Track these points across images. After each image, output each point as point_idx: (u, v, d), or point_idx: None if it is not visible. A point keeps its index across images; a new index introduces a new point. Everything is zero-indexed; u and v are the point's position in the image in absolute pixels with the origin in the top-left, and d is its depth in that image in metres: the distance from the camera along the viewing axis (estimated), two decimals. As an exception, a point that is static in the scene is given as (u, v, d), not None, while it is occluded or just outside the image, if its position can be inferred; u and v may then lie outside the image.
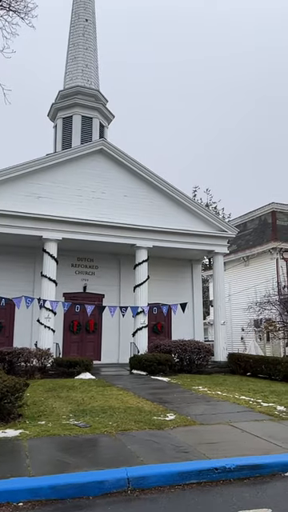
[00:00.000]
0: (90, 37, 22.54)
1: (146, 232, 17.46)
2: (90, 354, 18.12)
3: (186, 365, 16.11)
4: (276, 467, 5.25)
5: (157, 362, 15.00)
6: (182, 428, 6.99)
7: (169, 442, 6.13)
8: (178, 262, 20.83)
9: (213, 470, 4.98)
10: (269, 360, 15.43)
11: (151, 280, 17.78)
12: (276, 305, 23.20)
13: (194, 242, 18.45)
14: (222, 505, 4.28)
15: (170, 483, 4.76)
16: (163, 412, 8.16)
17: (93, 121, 20.92)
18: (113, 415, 7.74)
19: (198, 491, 4.66)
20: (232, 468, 5.04)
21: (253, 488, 4.78)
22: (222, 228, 19.05)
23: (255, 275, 26.91)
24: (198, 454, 5.52)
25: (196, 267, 21.45)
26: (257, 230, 29.19)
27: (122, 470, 4.79)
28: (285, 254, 26.32)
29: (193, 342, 16.81)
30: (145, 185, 18.31)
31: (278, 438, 6.39)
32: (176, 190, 18.46)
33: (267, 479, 5.06)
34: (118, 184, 17.89)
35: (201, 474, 4.93)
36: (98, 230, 16.74)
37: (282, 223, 27.86)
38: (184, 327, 19.80)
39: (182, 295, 19.99)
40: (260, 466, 5.19)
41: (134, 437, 6.36)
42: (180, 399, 9.87)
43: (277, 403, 9.42)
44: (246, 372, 16.17)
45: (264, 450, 5.77)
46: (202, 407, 8.93)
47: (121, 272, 19.66)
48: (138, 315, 16.92)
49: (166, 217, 18.16)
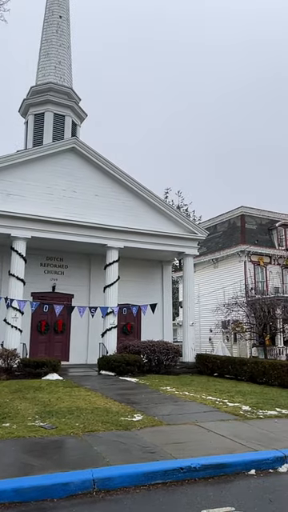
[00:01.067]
0: (64, 34, 22.30)
1: (117, 232, 17.42)
2: (58, 354, 17.89)
3: (154, 365, 16.18)
4: (240, 466, 5.35)
5: (125, 363, 15.00)
6: (149, 428, 7.01)
7: (136, 442, 6.13)
8: (149, 262, 20.91)
9: (178, 470, 5.02)
10: (235, 361, 15.73)
11: (122, 280, 17.75)
12: (243, 306, 23.71)
13: (165, 243, 18.57)
14: (186, 504, 4.31)
15: (136, 484, 4.76)
16: (131, 413, 8.16)
17: (65, 119, 20.69)
18: (80, 416, 7.67)
19: (164, 491, 4.69)
20: (197, 467, 5.10)
21: (217, 487, 4.85)
22: (192, 230, 19.26)
23: (224, 277, 27.39)
24: (165, 454, 5.55)
25: (166, 268, 21.59)
26: (226, 232, 29.71)
27: (87, 472, 4.75)
28: (253, 257, 26.94)
29: (162, 343, 16.91)
30: (117, 185, 18.26)
31: (243, 438, 6.52)
32: (148, 192, 18.52)
33: (231, 478, 5.15)
34: (90, 183, 17.76)
35: (166, 474, 4.96)
36: (68, 229, 16.56)
37: (250, 227, 28.49)
38: (153, 328, 19.88)
39: (152, 296, 20.07)
40: (224, 465, 5.27)
41: (101, 438, 6.32)
42: (148, 400, 9.90)
43: (242, 403, 9.60)
44: (213, 372, 16.42)
45: (229, 449, 5.87)
46: (169, 407, 8.99)
47: (91, 272, 19.53)
48: (108, 316, 16.85)
49: (137, 217, 18.18)
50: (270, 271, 27.44)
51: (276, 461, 5.55)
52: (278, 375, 13.24)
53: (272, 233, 28.91)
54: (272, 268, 27.57)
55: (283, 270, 28.10)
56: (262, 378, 13.84)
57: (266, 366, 13.86)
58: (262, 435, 6.74)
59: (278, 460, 5.57)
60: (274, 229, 28.82)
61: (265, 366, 13.91)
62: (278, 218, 29.37)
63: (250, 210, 28.90)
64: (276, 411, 8.77)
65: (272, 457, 5.58)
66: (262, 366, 14.01)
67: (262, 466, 5.45)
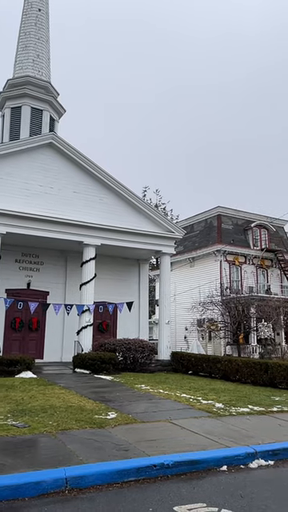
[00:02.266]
0: (43, 27, 21.95)
1: (94, 229, 17.31)
2: (33, 352, 17.66)
3: (129, 363, 16.20)
4: (212, 462, 5.42)
5: (100, 361, 14.96)
6: (123, 426, 7.01)
7: (109, 440, 6.13)
8: (126, 261, 20.89)
9: (151, 467, 5.04)
10: (210, 359, 15.92)
11: (98, 278, 17.67)
12: (218, 305, 24.02)
13: (143, 241, 18.58)
14: (158, 501, 4.34)
15: (109, 482, 4.76)
16: (105, 410, 8.14)
17: (43, 113, 20.38)
18: (53, 414, 7.60)
19: (136, 488, 4.70)
20: (170, 464, 5.13)
21: (189, 483, 4.90)
22: (169, 229, 19.34)
23: (200, 276, 27.67)
24: (138, 452, 5.56)
25: (143, 267, 21.62)
26: (203, 232, 30.00)
27: (60, 470, 4.71)
28: (228, 257, 27.31)
29: (137, 341, 16.94)
30: (95, 182, 18.14)
31: (215, 434, 6.60)
32: (126, 189, 18.48)
33: (203, 474, 5.21)
34: (68, 180, 17.58)
35: (139, 471, 4.97)
36: (44, 226, 16.34)
37: (226, 227, 28.86)
38: (129, 326, 19.89)
39: (128, 294, 20.07)
40: (197, 461, 5.33)
41: (75, 436, 6.28)
42: (122, 397, 9.90)
43: (215, 400, 9.73)
44: (188, 370, 16.57)
45: (201, 446, 5.93)
46: (143, 405, 9.02)
47: (67, 269, 19.36)
48: (84, 313, 16.75)
49: (115, 215, 18.12)
50: (245, 271, 27.88)
51: (247, 457, 5.65)
52: (250, 373, 13.47)
53: (247, 233, 29.37)
54: (247, 268, 28.02)
55: (257, 270, 28.60)
56: (235, 375, 14.05)
57: (240, 364, 14.08)
58: (234, 432, 6.85)
59: (249, 456, 5.67)
60: (249, 229, 29.29)
61: (238, 364, 14.13)
62: (254, 218, 29.86)
63: (226, 210, 29.27)
64: (248, 408, 8.92)
65: (243, 453, 5.68)
66: (236, 364, 14.22)
67: (234, 462, 5.54)
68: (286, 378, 12.33)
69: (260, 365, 13.38)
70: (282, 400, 10.16)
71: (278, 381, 12.56)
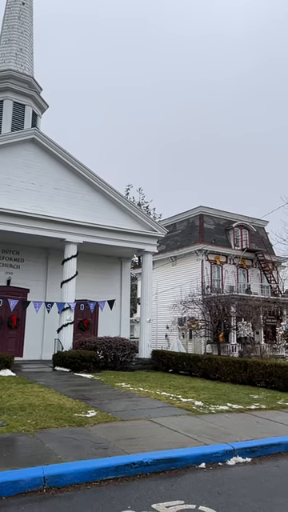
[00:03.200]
0: (26, 21, 21.64)
1: (76, 227, 17.19)
2: (12, 350, 17.46)
3: (110, 362, 16.17)
4: (190, 460, 5.46)
5: (81, 359, 14.89)
6: (102, 424, 7.00)
7: (88, 438, 6.11)
8: (108, 259, 20.83)
9: (130, 465, 5.05)
10: (190, 357, 16.03)
11: (80, 276, 17.56)
12: (199, 304, 24.21)
13: (125, 239, 18.55)
14: (137, 499, 4.35)
15: (87, 480, 4.74)
16: (85, 409, 8.11)
17: (25, 108, 20.12)
18: (32, 413, 7.53)
19: (115, 486, 4.70)
20: (149, 462, 5.15)
21: (168, 481, 4.93)
22: (152, 228, 19.37)
23: (181, 275, 27.81)
24: (117, 450, 5.56)
25: (125, 265, 21.60)
26: (185, 231, 30.16)
27: (38, 469, 4.68)
28: (210, 256, 27.53)
29: (118, 339, 16.93)
30: (78, 179, 18.02)
31: (195, 432, 6.66)
32: (109, 187, 18.42)
33: (182, 472, 5.24)
34: (50, 176, 17.41)
35: (118, 469, 4.97)
36: (25, 222, 16.14)
37: (208, 226, 29.10)
38: (111, 324, 19.85)
39: (110, 292, 20.02)
40: (175, 459, 5.36)
41: (54, 434, 6.24)
42: (102, 396, 9.88)
43: (195, 398, 9.81)
44: (169, 368, 16.65)
45: (180, 444, 5.97)
46: (123, 403, 9.02)
47: (48, 266, 19.18)
48: (64, 311, 16.63)
49: (97, 213, 18.04)
50: (226, 270, 28.16)
51: (225, 454, 5.72)
52: (230, 371, 13.63)
53: (229, 233, 29.66)
54: (228, 267, 28.31)
55: (238, 270, 28.93)
56: (215, 374, 14.19)
57: (220, 362, 14.22)
58: (213, 429, 6.92)
59: (227, 453, 5.73)
60: (230, 229, 29.59)
61: (218, 362, 14.27)
62: (235, 218, 30.17)
63: (208, 210, 29.49)
64: (227, 406, 9.03)
65: (221, 450, 5.74)
66: (216, 362, 14.36)
67: (212, 459, 5.60)
68: (264, 376, 12.52)
69: (239, 363, 13.55)
70: (260, 398, 10.32)
71: (257, 379, 12.75)
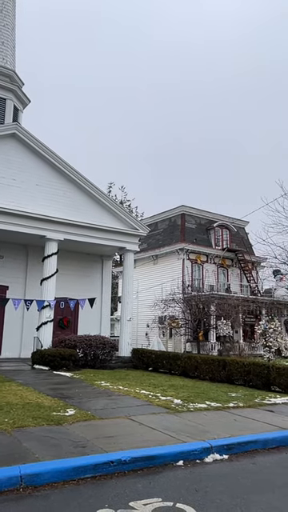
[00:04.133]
0: (9, 14, 21.27)
1: (57, 224, 17.03)
2: (-10, 348, 17.19)
3: (90, 360, 16.10)
4: (168, 457, 5.49)
5: (60, 357, 14.78)
6: (81, 423, 6.96)
7: (67, 437, 6.07)
8: (89, 256, 20.72)
9: (108, 464, 5.04)
10: (170, 355, 16.11)
11: (60, 274, 17.41)
12: (180, 303, 24.35)
13: (107, 237, 18.49)
14: (114, 497, 4.35)
15: (65, 479, 4.71)
16: (63, 407, 8.05)
17: (6, 102, 19.78)
18: (9, 412, 7.43)
19: (93, 485, 4.69)
20: (127, 460, 5.16)
21: (146, 479, 4.94)
22: (134, 226, 19.36)
23: (162, 274, 27.91)
24: (96, 449, 5.54)
25: (107, 263, 21.53)
26: (167, 230, 30.27)
27: (14, 468, 4.62)
28: (191, 255, 27.72)
29: (98, 338, 16.87)
30: (59, 176, 17.85)
31: (173, 430, 6.69)
32: (91, 185, 18.31)
33: (160, 469, 5.27)
34: (31, 172, 17.19)
35: (96, 467, 4.96)
36: (5, 218, 15.90)
37: (189, 226, 29.28)
38: (91, 322, 19.76)
39: (90, 290, 19.92)
40: (153, 457, 5.38)
41: (31, 433, 6.17)
42: (82, 394, 9.83)
43: (174, 397, 9.86)
44: (148, 367, 16.69)
45: (159, 442, 5.99)
46: (103, 402, 9.00)
47: (28, 264, 18.95)
48: (44, 309, 16.46)
49: (79, 210, 17.91)
50: (207, 269, 28.41)
51: (203, 451, 5.77)
52: (209, 370, 13.75)
53: (210, 233, 29.92)
54: (208, 266, 28.56)
55: (218, 269, 29.22)
56: (194, 372, 14.30)
57: (199, 360, 14.34)
58: (191, 427, 6.97)
59: (204, 451, 5.79)
60: (211, 229, 29.85)
61: (197, 360, 14.38)
62: (217, 218, 30.46)
63: (190, 209, 29.68)
64: (206, 404, 9.11)
65: (199, 448, 5.79)
66: (195, 360, 14.47)
67: (190, 456, 5.64)
68: (242, 374, 12.69)
69: (218, 362, 13.69)
70: (238, 396, 10.45)
71: (235, 377, 12.90)
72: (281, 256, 21.37)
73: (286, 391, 11.38)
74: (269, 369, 12.06)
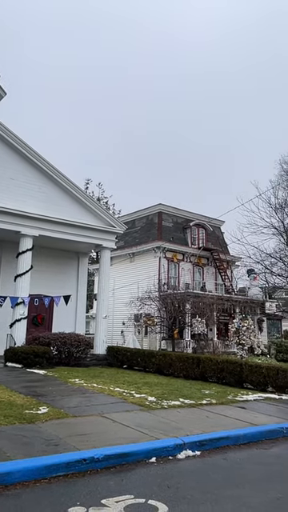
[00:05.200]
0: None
1: (32, 220, 16.77)
2: None
3: (64, 357, 15.97)
4: (141, 454, 5.51)
5: (34, 355, 14.59)
6: (54, 421, 6.90)
7: (39, 435, 6.00)
8: (65, 253, 20.51)
9: (81, 461, 5.02)
10: (145, 353, 16.15)
11: (35, 270, 17.16)
12: (155, 301, 24.45)
13: (83, 234, 18.34)
14: (87, 494, 4.33)
15: (36, 477, 4.66)
16: (36, 405, 7.96)
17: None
18: (-20, 410, 7.29)
19: (65, 483, 4.66)
20: (100, 458, 5.14)
21: (118, 476, 4.94)
22: (111, 223, 19.28)
23: (139, 271, 27.94)
24: (68, 447, 5.51)
25: (83, 260, 21.37)
26: (144, 228, 30.31)
27: (-16, 468, 4.54)
28: (167, 254, 27.86)
29: (73, 335, 16.74)
30: (35, 171, 17.57)
31: (146, 427, 6.72)
32: (68, 180, 18.11)
33: (132, 466, 5.28)
34: (5, 166, 16.84)
35: (69, 465, 4.93)
36: (-21, 213, 15.55)
37: (167, 224, 29.41)
38: (66, 320, 19.57)
39: (66, 287, 19.73)
40: (126, 454, 5.39)
41: (3, 432, 6.07)
42: (55, 392, 9.75)
43: (148, 394, 9.90)
44: (123, 364, 16.69)
45: (132, 439, 6.01)
46: (76, 399, 8.94)
47: (2, 260, 18.61)
48: (18, 306, 16.20)
49: (55, 206, 17.68)
50: (183, 268, 28.63)
51: (176, 448, 5.82)
52: (183, 367, 13.86)
53: (186, 231, 30.15)
54: (184, 265, 28.78)
55: (194, 268, 29.49)
56: (168, 369, 14.38)
57: (173, 358, 14.43)
58: (164, 424, 7.02)
59: (177, 447, 5.84)
60: (188, 228, 30.08)
61: (172, 358, 14.48)
62: (193, 217, 30.71)
63: (167, 207, 29.80)
64: (179, 401, 9.18)
65: (172, 444, 5.84)
66: (170, 358, 14.56)
67: (163, 453, 5.68)
68: (216, 372, 12.85)
69: (192, 359, 13.81)
70: (211, 393, 10.58)
71: (209, 375, 13.06)
72: (255, 256, 21.78)
73: (258, 388, 11.60)
74: (241, 366, 12.27)
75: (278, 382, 11.36)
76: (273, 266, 22.06)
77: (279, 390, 11.26)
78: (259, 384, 11.68)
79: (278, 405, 9.63)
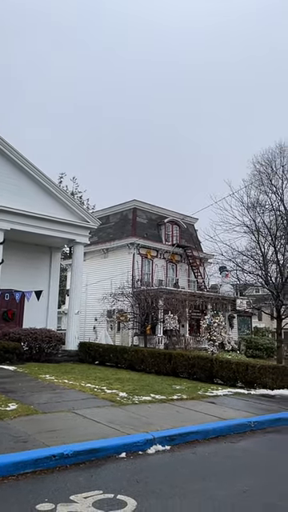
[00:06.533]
0: None
1: (3, 213, 16.40)
2: None
3: (35, 353, 15.77)
4: (111, 450, 5.52)
5: (4, 350, 14.36)
6: (23, 417, 6.81)
7: (7, 432, 5.91)
8: (37, 247, 20.19)
9: (50, 458, 4.98)
10: (117, 349, 16.16)
11: (6, 264, 16.79)
12: (129, 297, 24.45)
13: (56, 229, 18.10)
14: (55, 491, 4.30)
15: (4, 474, 4.59)
16: (5, 402, 7.83)
17: None
18: None
19: (34, 480, 4.61)
20: (69, 454, 5.12)
21: (88, 472, 4.93)
22: (85, 218, 19.11)
23: (112, 267, 27.84)
24: (37, 443, 5.45)
25: (55, 255, 21.10)
26: (118, 224, 30.21)
27: None
28: (141, 250, 27.88)
29: (44, 331, 16.55)
30: (7, 163, 17.19)
31: (117, 423, 6.73)
32: (40, 173, 17.80)
33: (102, 462, 5.28)
34: (-23, 158, 16.41)
35: (37, 462, 4.88)
36: None
37: (141, 220, 29.41)
38: (37, 315, 19.28)
39: (38, 283, 19.42)
40: (96, 449, 5.39)
41: None
42: (25, 388, 9.62)
43: (120, 390, 9.91)
44: (95, 360, 16.64)
45: (102, 435, 6.00)
46: (47, 396, 8.86)
47: (-28, 253, 18.10)
48: (-12, 301, 15.85)
49: (28, 200, 17.35)
50: (156, 264, 28.73)
51: (146, 443, 5.85)
52: (155, 363, 13.95)
53: (160, 228, 30.25)
54: (158, 261, 28.89)
55: (168, 264, 29.65)
56: (140, 365, 14.45)
57: (145, 354, 14.51)
58: (135, 420, 7.05)
59: (147, 442, 5.87)
60: (162, 224, 30.19)
61: (144, 354, 14.55)
62: (167, 214, 30.84)
63: (142, 204, 29.79)
64: (150, 397, 9.24)
65: (142, 439, 5.87)
66: (142, 354, 14.62)
67: (133, 448, 5.70)
68: (187, 367, 13.00)
69: (164, 355, 13.93)
70: (182, 388, 10.70)
71: (180, 370, 13.20)
72: (227, 253, 22.04)
73: (228, 384, 11.82)
74: (212, 362, 12.46)
75: (247, 378, 11.61)
76: (244, 263, 22.42)
77: (248, 385, 11.51)
78: (229, 379, 11.90)
79: (246, 400, 9.84)
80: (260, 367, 11.57)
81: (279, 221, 21.87)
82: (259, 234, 21.94)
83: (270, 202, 23.17)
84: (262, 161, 24.54)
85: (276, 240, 21.30)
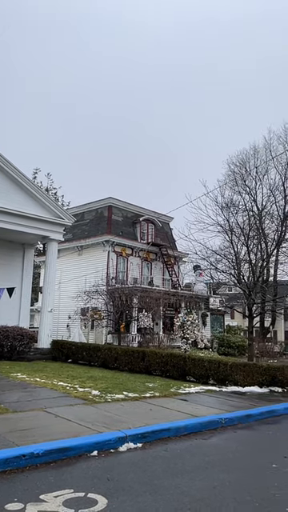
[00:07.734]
0: None
1: (-25, 208, 16.02)
2: None
3: (6, 351, 15.51)
4: (83, 448, 5.48)
5: (-26, 349, 14.02)
6: (-7, 417, 6.68)
7: (-24, 432, 5.78)
8: (10, 244, 19.81)
9: (20, 457, 4.90)
10: (90, 347, 16.08)
11: (-23, 261, 16.44)
12: (103, 295, 24.37)
13: (30, 225, 17.81)
14: (25, 491, 4.24)
15: (-28, 476, 4.49)
16: (-26, 401, 7.66)
17: None
18: None
19: (3, 480, 4.53)
20: (40, 453, 5.05)
21: (59, 471, 4.88)
22: (59, 215, 18.89)
23: (87, 265, 27.67)
24: (7, 443, 5.36)
25: (28, 252, 20.77)
26: (93, 221, 30.03)
27: None
28: (116, 248, 27.83)
29: (16, 329, 16.30)
30: (-21, 156, 16.79)
31: (89, 421, 6.69)
32: (15, 169, 17.47)
33: (73, 461, 5.24)
34: None
35: (7, 462, 4.79)
36: None
37: (116, 218, 29.34)
38: (9, 313, 18.92)
39: (10, 280, 19.07)
40: (67, 448, 5.34)
41: None
42: (-5, 387, 9.43)
43: (92, 388, 9.86)
44: (68, 358, 16.51)
45: (74, 433, 5.96)
46: (17, 394, 8.72)
47: None
48: None
49: (0, 195, 17.00)
50: (131, 262, 28.74)
51: (118, 441, 5.84)
52: (128, 361, 13.96)
53: (136, 226, 30.27)
54: (133, 259, 28.92)
55: (143, 262, 29.72)
56: (114, 363, 14.42)
57: (119, 352, 14.49)
58: (107, 418, 7.03)
59: (119, 440, 5.87)
60: (137, 223, 30.21)
61: (117, 352, 14.53)
62: (143, 212, 30.88)
63: (117, 201, 29.72)
64: (123, 395, 9.24)
65: (114, 437, 5.86)
66: (115, 352, 14.60)
67: (105, 446, 5.68)
68: (160, 365, 13.07)
69: (138, 353, 13.95)
70: (155, 386, 10.75)
71: (154, 368, 13.26)
72: (201, 252, 22.32)
73: (200, 381, 11.96)
74: (185, 360, 12.57)
75: (219, 375, 11.78)
76: (218, 262, 22.77)
77: (220, 383, 11.68)
78: (201, 377, 12.04)
79: (218, 397, 9.98)
80: (231, 365, 11.76)
81: (252, 221, 22.30)
82: (232, 233, 22.30)
83: (243, 202, 23.62)
84: (237, 162, 24.95)
85: (249, 240, 21.71)
